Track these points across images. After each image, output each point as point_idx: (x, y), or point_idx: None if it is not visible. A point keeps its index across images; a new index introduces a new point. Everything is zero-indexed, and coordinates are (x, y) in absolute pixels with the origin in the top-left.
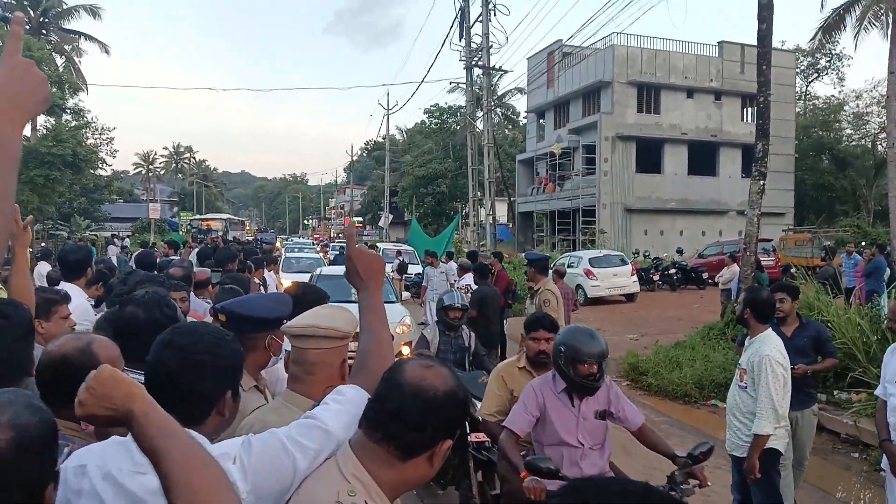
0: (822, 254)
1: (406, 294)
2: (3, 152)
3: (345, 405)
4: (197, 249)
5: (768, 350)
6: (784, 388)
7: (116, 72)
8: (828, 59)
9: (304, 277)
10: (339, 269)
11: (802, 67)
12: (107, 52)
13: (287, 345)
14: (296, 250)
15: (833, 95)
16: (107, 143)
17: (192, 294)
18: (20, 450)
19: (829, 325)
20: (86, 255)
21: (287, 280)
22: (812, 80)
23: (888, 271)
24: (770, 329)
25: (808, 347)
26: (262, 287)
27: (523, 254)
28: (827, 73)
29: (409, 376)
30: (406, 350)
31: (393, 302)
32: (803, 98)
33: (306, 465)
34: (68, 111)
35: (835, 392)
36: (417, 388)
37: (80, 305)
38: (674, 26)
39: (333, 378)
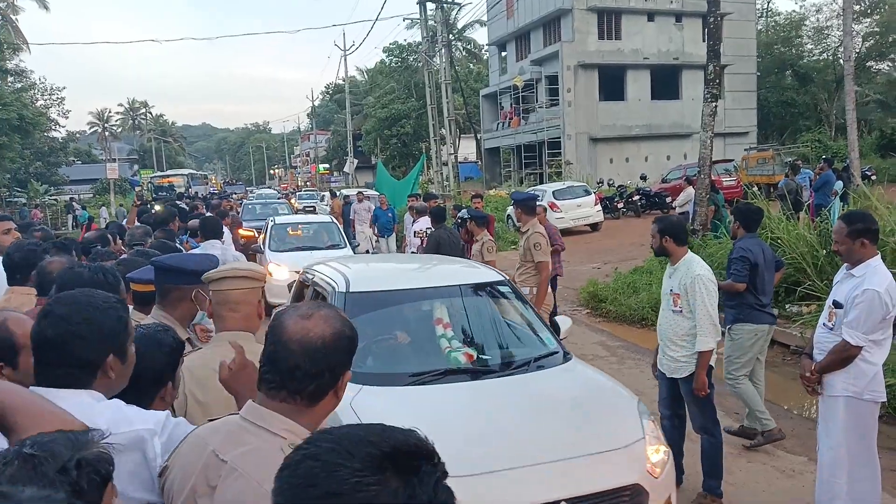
0: (785, 170)
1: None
2: None
3: None
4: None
5: (698, 270)
6: (716, 302)
7: (59, 29)
8: None
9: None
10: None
11: None
12: (45, 7)
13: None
14: (259, 208)
15: (794, 10)
16: (57, 104)
17: None
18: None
19: (778, 240)
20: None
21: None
22: None
23: (839, 184)
24: (689, 251)
25: (728, 264)
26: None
27: (491, 191)
28: None
29: (292, 332)
30: None
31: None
32: (765, 15)
33: None
34: (10, 73)
35: (786, 305)
36: (305, 342)
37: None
38: None
39: (253, 315)
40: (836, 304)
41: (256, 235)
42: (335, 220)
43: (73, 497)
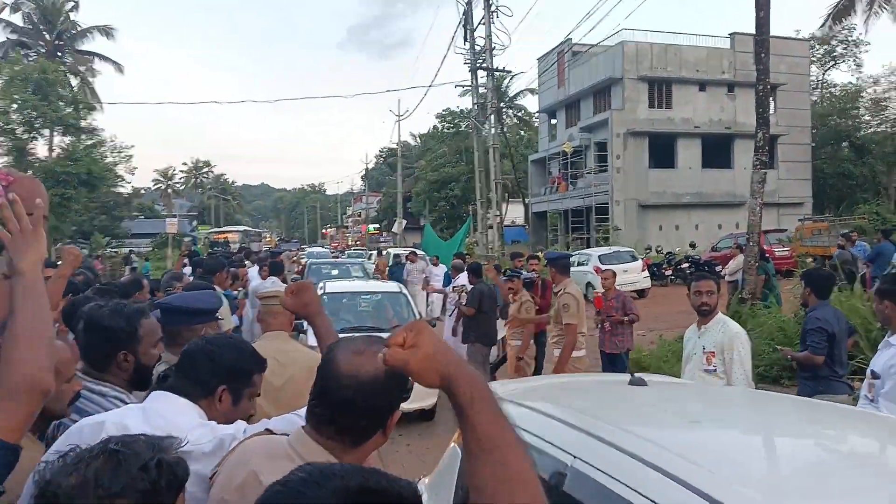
0: (840, 241)
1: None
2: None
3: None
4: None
5: (735, 328)
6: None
7: (132, 90)
8: (844, 46)
9: None
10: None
11: (819, 55)
12: (121, 71)
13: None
14: (326, 270)
15: (850, 82)
16: (125, 161)
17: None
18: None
19: None
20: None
21: None
22: (829, 68)
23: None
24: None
25: (803, 335)
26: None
27: (539, 254)
28: (844, 61)
29: (345, 368)
30: None
31: None
32: (819, 86)
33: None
34: (84, 131)
35: None
36: (356, 378)
37: None
38: (668, 19)
39: (287, 322)
40: (874, 375)
41: None
42: (405, 291)
43: (152, 495)
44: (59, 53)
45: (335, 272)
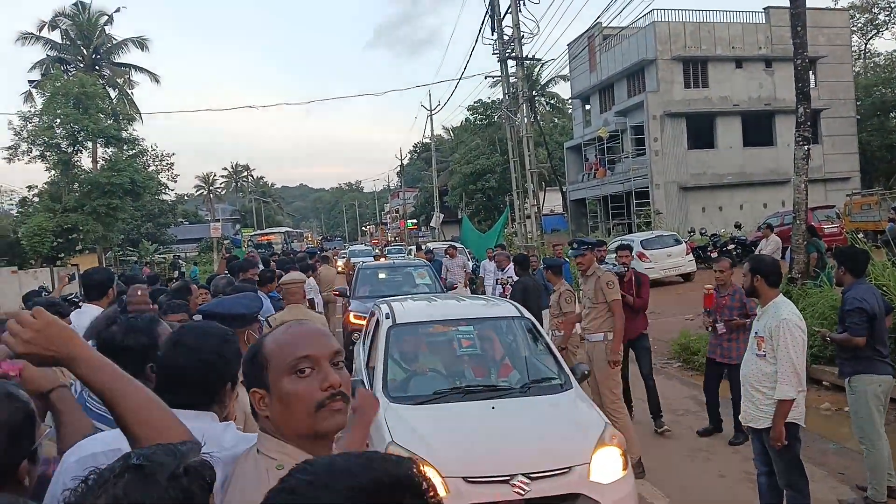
0: (891, 215)
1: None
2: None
3: None
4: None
5: (786, 314)
6: (804, 351)
7: (170, 99)
8: (887, 13)
9: None
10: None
11: (860, 24)
12: (157, 81)
13: None
14: (382, 276)
15: (895, 50)
16: (167, 169)
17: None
18: None
19: (883, 288)
20: (107, 277)
21: None
22: (872, 37)
23: None
24: (782, 294)
25: (841, 316)
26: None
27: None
28: (887, 28)
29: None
30: None
31: None
32: (862, 56)
33: None
34: (125, 142)
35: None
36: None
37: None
38: None
39: (301, 298)
40: None
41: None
42: (527, 315)
43: (186, 502)
44: (97, 67)
45: (398, 278)
